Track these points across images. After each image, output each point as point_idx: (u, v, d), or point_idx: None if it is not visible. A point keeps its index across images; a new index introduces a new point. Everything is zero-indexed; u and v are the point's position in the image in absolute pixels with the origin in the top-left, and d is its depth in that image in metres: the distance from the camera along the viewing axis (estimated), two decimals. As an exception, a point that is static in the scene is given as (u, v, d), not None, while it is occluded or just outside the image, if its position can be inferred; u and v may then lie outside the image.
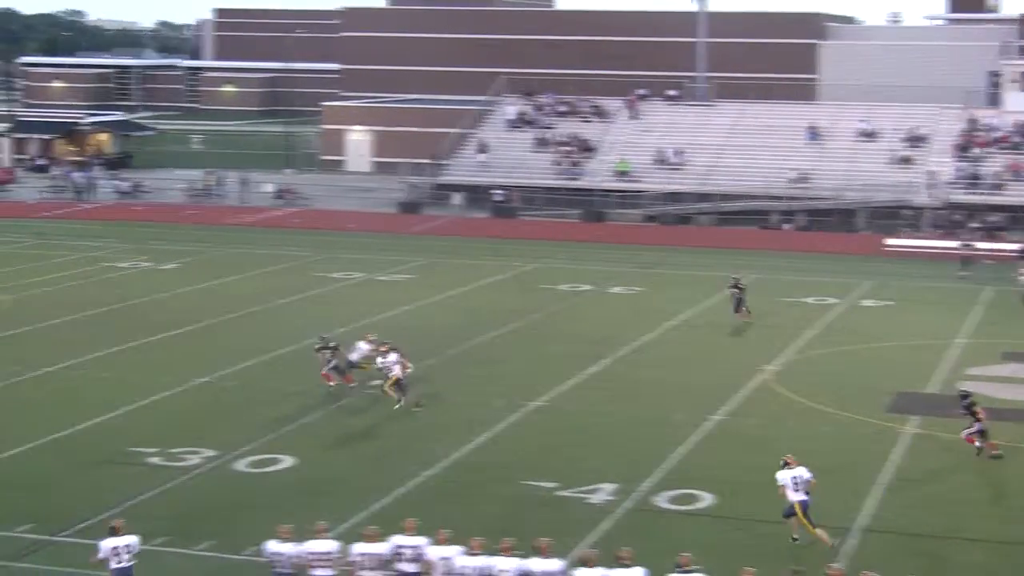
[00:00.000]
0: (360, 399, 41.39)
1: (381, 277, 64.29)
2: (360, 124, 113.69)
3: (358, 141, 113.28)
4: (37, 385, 42.78)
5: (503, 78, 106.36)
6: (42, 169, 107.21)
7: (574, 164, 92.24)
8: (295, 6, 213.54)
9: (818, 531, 28.94)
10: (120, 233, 77.55)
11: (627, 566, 23.58)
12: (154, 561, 27.99)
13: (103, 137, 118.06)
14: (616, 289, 61.66)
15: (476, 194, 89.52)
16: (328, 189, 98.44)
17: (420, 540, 24.65)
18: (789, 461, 29.52)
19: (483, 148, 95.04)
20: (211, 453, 35.49)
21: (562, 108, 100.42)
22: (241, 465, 34.65)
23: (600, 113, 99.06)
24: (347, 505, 31.19)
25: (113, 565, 25.08)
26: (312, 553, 24.49)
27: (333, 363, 42.21)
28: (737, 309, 53.65)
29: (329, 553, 24.55)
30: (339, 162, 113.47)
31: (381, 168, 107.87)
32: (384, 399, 40.60)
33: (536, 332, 52.19)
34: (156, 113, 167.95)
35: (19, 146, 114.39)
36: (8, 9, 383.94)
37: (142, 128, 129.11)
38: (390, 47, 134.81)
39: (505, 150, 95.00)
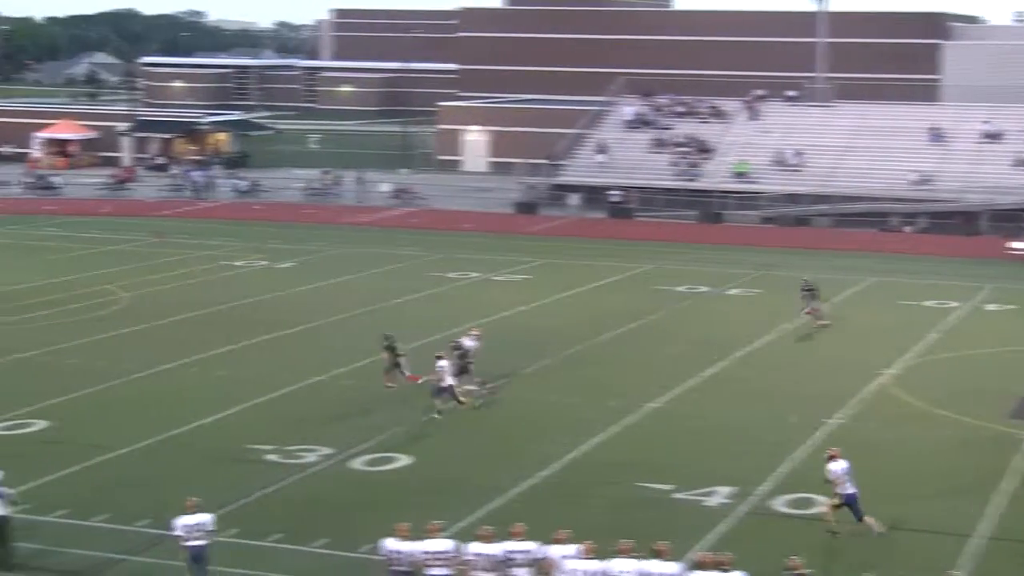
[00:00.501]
0: (477, 399, 41.27)
1: (497, 277, 64.24)
2: (477, 124, 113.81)
3: (475, 141, 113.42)
4: (155, 382, 43.12)
5: (621, 78, 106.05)
6: (162, 168, 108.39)
7: (692, 165, 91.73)
8: (413, 6, 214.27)
9: (867, 519, 29.27)
10: (237, 232, 78.18)
11: (726, 571, 23.25)
12: (270, 558, 28.14)
13: (222, 136, 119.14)
14: (733, 291, 61.16)
15: (593, 195, 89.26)
16: (444, 189, 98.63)
17: (530, 545, 24.51)
18: (835, 454, 29.84)
19: (600, 149, 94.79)
20: (327, 451, 35.57)
21: (680, 109, 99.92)
22: (357, 463, 34.69)
23: (718, 114, 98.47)
24: (462, 504, 31.09)
25: (186, 544, 25.63)
26: (428, 552, 24.41)
27: (398, 361, 41.87)
28: (809, 311, 52.78)
29: (445, 552, 24.45)
30: (455, 162, 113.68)
31: (498, 168, 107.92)
32: (487, 399, 40.55)
33: (652, 333, 51.86)
34: (274, 113, 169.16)
35: (140, 145, 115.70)
36: (130, 10, 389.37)
37: (260, 128, 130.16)
38: (507, 47, 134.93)
39: (622, 151, 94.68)
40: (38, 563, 27.68)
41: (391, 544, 24.71)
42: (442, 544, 24.62)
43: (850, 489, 29.37)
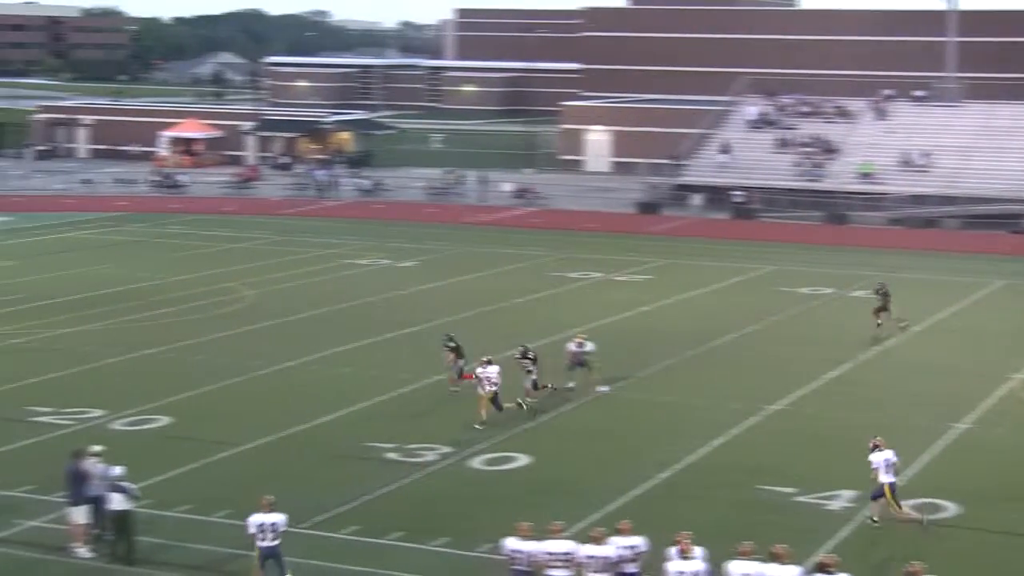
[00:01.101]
0: (596, 400, 41.16)
1: (618, 277, 64.00)
2: (599, 124, 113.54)
3: (597, 141, 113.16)
4: (278, 379, 43.42)
5: (744, 78, 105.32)
6: (285, 167, 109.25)
7: (816, 165, 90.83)
8: (537, 6, 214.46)
9: (905, 509, 29.57)
10: (360, 230, 78.59)
11: (830, 572, 22.91)
12: (389, 556, 28.18)
13: (345, 136, 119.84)
14: (858, 293, 60.35)
15: (716, 195, 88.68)
16: (566, 189, 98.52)
17: (637, 540, 24.43)
18: (879, 444, 30.02)
19: (723, 149, 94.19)
20: (447, 450, 35.59)
21: (804, 108, 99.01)
22: (476, 462, 34.67)
23: (844, 114, 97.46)
24: (581, 505, 30.97)
25: (259, 543, 25.88)
26: (550, 553, 24.29)
27: (460, 365, 41.48)
28: (878, 315, 51.83)
29: (567, 554, 24.33)
30: (578, 162, 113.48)
31: (620, 168, 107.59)
32: (608, 400, 40.38)
33: (775, 335, 51.37)
34: (397, 112, 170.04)
35: (264, 144, 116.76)
36: (256, 10, 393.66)
37: (383, 127, 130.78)
38: (631, 47, 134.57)
39: (746, 151, 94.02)
40: (160, 558, 27.92)
41: (512, 543, 24.62)
42: (564, 545, 24.50)
43: (889, 479, 29.59)
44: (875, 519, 29.85)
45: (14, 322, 51.19)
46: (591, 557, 24.15)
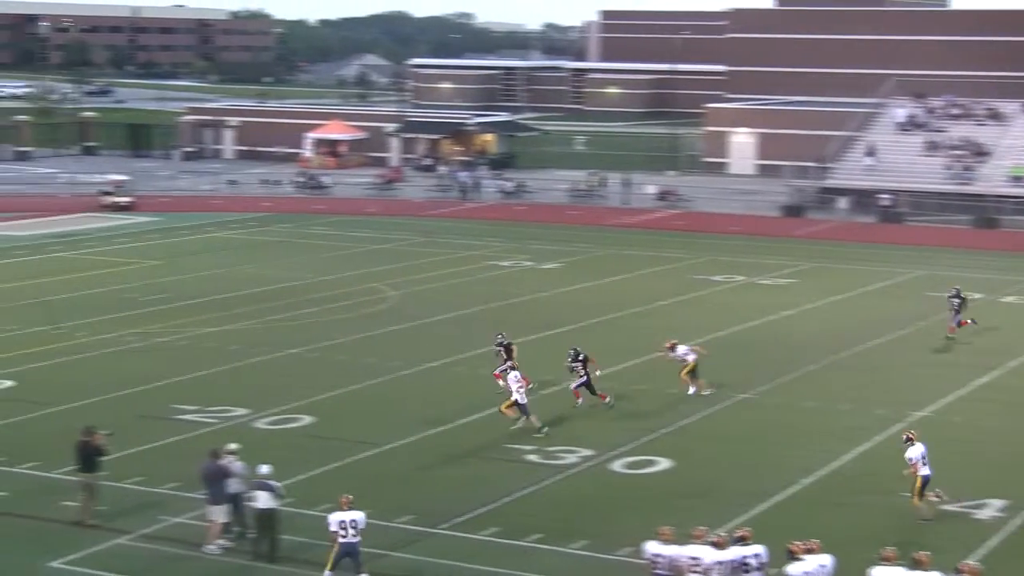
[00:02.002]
0: (739, 404, 40.75)
1: (762, 281, 63.37)
2: (744, 126, 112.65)
3: (742, 143, 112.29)
4: (420, 380, 43.52)
5: (893, 79, 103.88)
6: (429, 168, 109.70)
7: (966, 168, 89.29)
8: (681, 8, 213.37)
9: (918, 505, 30.41)
10: (503, 232, 78.64)
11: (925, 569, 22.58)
12: (529, 558, 28.06)
13: (488, 137, 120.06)
14: (1009, 299, 59.25)
15: (862, 198, 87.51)
16: (710, 191, 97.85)
17: (759, 548, 24.17)
18: (912, 437, 30.88)
19: (870, 151, 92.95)
20: (588, 452, 35.41)
21: (955, 111, 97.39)
22: (617, 465, 34.45)
23: (995, 116, 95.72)
24: (724, 510, 30.62)
25: (340, 539, 26.28)
26: (692, 558, 24.01)
27: (507, 364, 40.64)
28: (958, 322, 50.60)
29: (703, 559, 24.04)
30: (722, 164, 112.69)
31: (764, 171, 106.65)
32: (750, 404, 39.98)
33: (922, 340, 50.47)
34: (540, 114, 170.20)
35: (408, 146, 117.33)
36: (400, 12, 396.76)
37: (526, 129, 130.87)
38: (777, 48, 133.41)
39: (893, 153, 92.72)
40: (302, 556, 28.04)
41: (653, 547, 24.39)
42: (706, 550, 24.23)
43: (925, 471, 30.31)
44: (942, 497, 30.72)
45: (161, 321, 51.84)
46: (717, 563, 23.90)
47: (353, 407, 40.11)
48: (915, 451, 30.43)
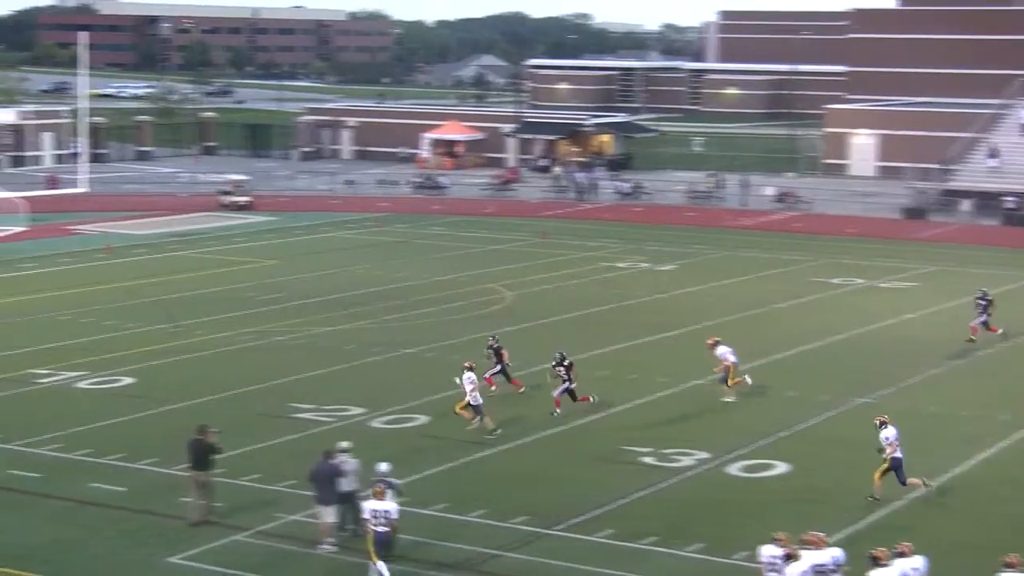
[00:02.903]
0: (856, 409, 40.24)
1: (882, 284, 62.58)
2: (864, 127, 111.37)
3: (862, 144, 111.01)
4: (534, 381, 43.32)
5: (1018, 80, 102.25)
6: (545, 169, 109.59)
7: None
8: (801, 7, 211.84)
9: (877, 483, 31.52)
10: (619, 233, 78.36)
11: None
12: (644, 560, 27.90)
13: (605, 138, 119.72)
14: None
15: (986, 201, 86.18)
16: (830, 193, 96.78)
17: (837, 552, 24.06)
18: (884, 420, 32.15)
19: (994, 153, 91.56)
20: (704, 455, 35.13)
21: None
22: (734, 469, 34.13)
23: None
24: (841, 515, 30.26)
25: (373, 528, 26.39)
26: (816, 565, 23.70)
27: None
28: (986, 325, 49.40)
29: (824, 565, 23.68)
30: (842, 166, 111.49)
31: (885, 172, 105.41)
32: (868, 409, 39.45)
33: (1046, 345, 49.59)
34: (658, 115, 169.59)
35: (524, 146, 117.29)
36: (518, 13, 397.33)
37: (644, 130, 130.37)
38: (899, 49, 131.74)
39: (1018, 155, 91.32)
40: (416, 555, 28.01)
41: (769, 552, 24.10)
42: (825, 555, 23.86)
43: (898, 454, 31.42)
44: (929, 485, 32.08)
45: (278, 320, 52.18)
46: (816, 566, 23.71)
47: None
48: (889, 433, 31.61)
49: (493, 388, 41.03)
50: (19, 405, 39.84)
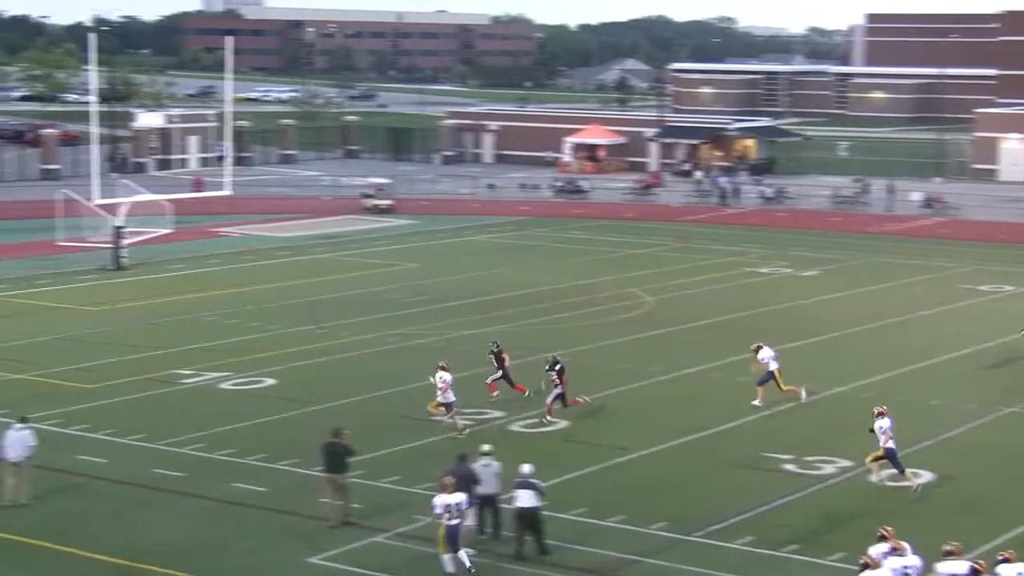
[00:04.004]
0: (1003, 416, 39.50)
1: (1031, 291, 61.49)
2: (1016, 131, 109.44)
3: (1013, 149, 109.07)
4: (677, 386, 43.14)
5: None
6: (687, 174, 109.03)
7: None
8: (950, 10, 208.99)
9: (907, 472, 32.63)
10: (762, 238, 77.71)
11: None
12: (783, 569, 27.68)
13: (749, 143, 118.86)
14: None
15: None
16: (979, 199, 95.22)
17: (915, 560, 24.08)
18: (882, 411, 33.06)
19: None
20: (846, 463, 34.67)
21: None
22: (876, 477, 33.58)
23: None
24: (991, 525, 29.78)
25: (445, 522, 27.05)
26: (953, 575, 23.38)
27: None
28: None
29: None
30: (992, 171, 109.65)
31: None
32: (1019, 418, 38.77)
33: None
34: (802, 119, 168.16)
35: (666, 151, 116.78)
36: (661, 16, 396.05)
37: (787, 134, 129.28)
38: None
39: None
40: (556, 559, 27.96)
41: (879, 550, 24.20)
42: (959, 566, 23.49)
43: (891, 444, 32.43)
44: (917, 483, 32.67)
45: (419, 323, 52.38)
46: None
47: (608, 412, 39.89)
48: (884, 423, 32.61)
49: (495, 394, 41.02)
50: (164, 404, 40.37)
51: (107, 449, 35.69)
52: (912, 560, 24.04)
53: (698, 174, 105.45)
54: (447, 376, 37.53)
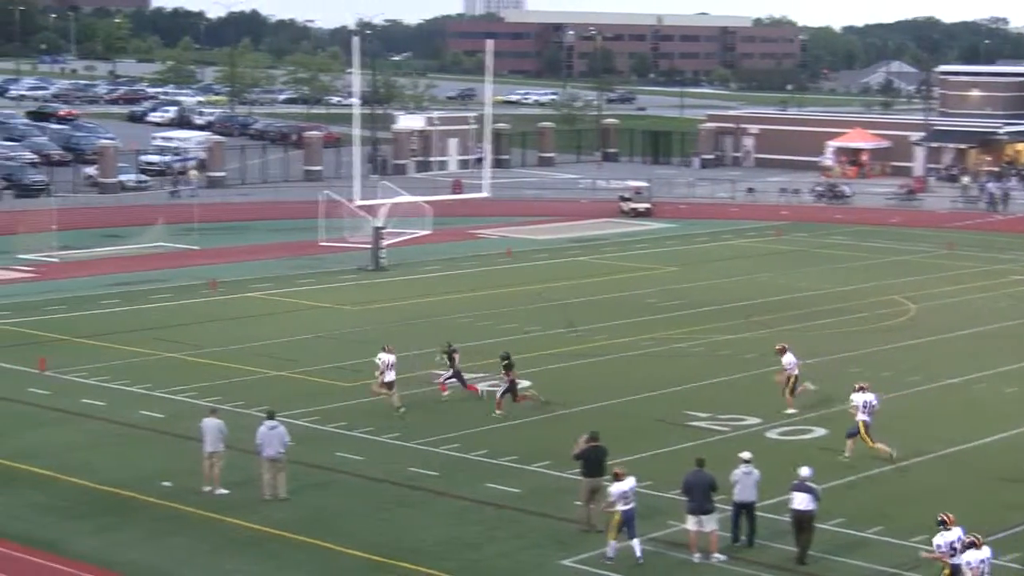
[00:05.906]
0: None
1: None
2: None
3: None
4: (940, 396, 42.09)
5: None
6: (953, 179, 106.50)
7: None
8: None
9: (878, 445, 34.39)
10: (1033, 246, 75.54)
11: None
12: None
13: (1020, 147, 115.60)
14: None
15: None
16: None
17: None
18: (865, 387, 34.92)
19: None
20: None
21: None
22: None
23: None
24: None
25: (620, 507, 28.00)
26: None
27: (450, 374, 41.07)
28: None
29: None
30: None
31: None
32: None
33: None
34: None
35: (932, 155, 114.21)
36: (929, 18, 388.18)
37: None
38: None
39: None
40: (814, 569, 27.54)
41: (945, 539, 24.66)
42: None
43: (865, 417, 34.33)
44: (847, 455, 34.51)
45: (677, 327, 52.02)
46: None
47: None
48: (858, 398, 34.52)
49: (445, 394, 41.11)
50: (417, 404, 40.54)
51: (364, 447, 36.16)
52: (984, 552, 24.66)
53: (965, 179, 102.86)
54: (388, 357, 39.27)
